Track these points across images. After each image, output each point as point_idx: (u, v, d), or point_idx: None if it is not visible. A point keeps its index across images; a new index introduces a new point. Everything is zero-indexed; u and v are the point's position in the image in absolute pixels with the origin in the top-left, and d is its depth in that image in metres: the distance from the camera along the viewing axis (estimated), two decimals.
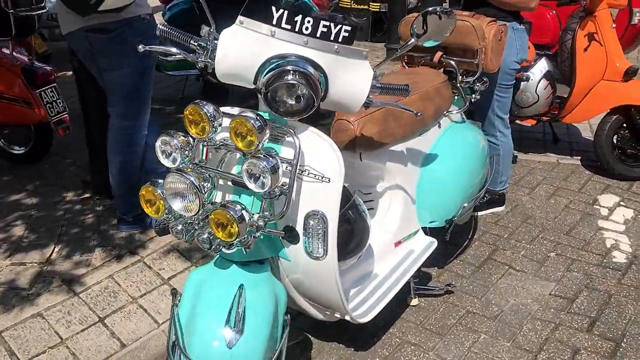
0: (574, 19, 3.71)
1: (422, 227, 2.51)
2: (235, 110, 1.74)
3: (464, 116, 2.75)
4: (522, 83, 3.83)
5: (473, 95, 2.77)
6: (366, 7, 7.17)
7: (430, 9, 1.74)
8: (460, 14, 2.65)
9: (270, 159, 1.53)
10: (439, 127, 2.52)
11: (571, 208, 3.46)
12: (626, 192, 3.63)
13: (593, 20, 3.67)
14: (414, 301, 2.61)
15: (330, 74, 1.62)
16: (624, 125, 3.71)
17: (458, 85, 2.66)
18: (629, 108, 3.62)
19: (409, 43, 1.77)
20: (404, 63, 2.91)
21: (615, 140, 3.73)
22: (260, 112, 1.65)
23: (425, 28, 1.77)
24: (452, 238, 3.03)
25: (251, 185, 1.55)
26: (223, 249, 1.57)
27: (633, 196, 3.58)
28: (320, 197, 1.69)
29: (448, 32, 1.80)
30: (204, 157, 1.73)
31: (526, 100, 3.84)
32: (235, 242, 1.55)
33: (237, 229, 1.50)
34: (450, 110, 2.60)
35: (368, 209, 2.35)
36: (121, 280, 2.67)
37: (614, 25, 3.69)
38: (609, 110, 3.73)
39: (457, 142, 2.55)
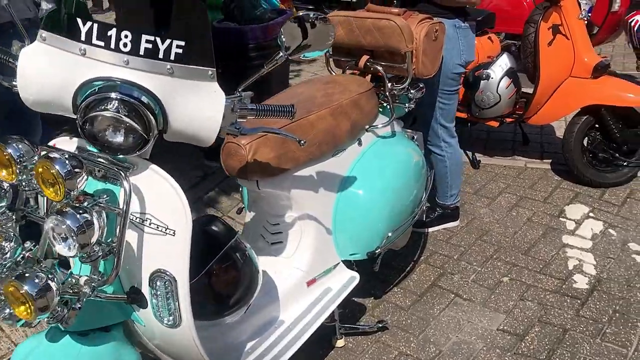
0: (537, 9, 3.34)
1: (344, 260, 2.17)
2: (71, 143, 1.41)
3: (396, 128, 2.40)
4: (481, 82, 3.48)
5: (407, 105, 2.43)
6: None
7: (301, 14, 1.40)
8: (387, 11, 2.30)
9: (79, 214, 1.19)
10: (360, 144, 2.17)
11: (534, 221, 3.12)
12: (597, 200, 3.29)
13: (558, 10, 3.30)
14: (340, 342, 2.29)
15: (167, 100, 1.29)
16: (596, 126, 3.36)
17: (387, 93, 2.31)
18: (600, 108, 3.27)
19: (276, 58, 1.42)
20: (329, 68, 2.55)
21: (585, 143, 3.38)
22: (88, 147, 1.32)
23: (305, 36, 1.43)
24: (395, 261, 2.71)
25: (59, 247, 1.22)
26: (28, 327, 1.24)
27: (604, 205, 3.23)
28: (166, 253, 1.36)
29: (330, 39, 1.46)
30: (33, 203, 1.40)
31: (487, 101, 3.49)
32: (44, 318, 1.23)
33: (33, 306, 1.17)
34: (375, 124, 2.25)
35: (276, 243, 2.03)
36: None
37: (581, 16, 3.32)
38: (578, 111, 3.38)
39: (382, 160, 2.20)
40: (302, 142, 1.57)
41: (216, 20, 3.91)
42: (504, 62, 3.46)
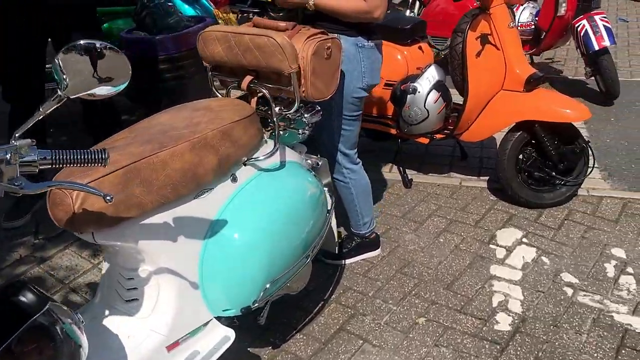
0: (465, 17, 3.08)
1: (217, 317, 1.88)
2: None
3: (289, 157, 2.11)
4: (408, 96, 3.21)
5: (303, 130, 2.14)
6: None
7: (83, 42, 1.10)
8: (272, 26, 2.01)
9: None
10: (234, 181, 1.88)
11: (462, 249, 2.86)
12: (532, 223, 3.04)
13: (487, 19, 3.05)
14: None
15: None
16: (532, 142, 3.11)
17: (274, 119, 2.02)
18: (533, 124, 3.02)
19: (52, 99, 1.12)
20: (213, 88, 2.25)
21: (520, 161, 3.13)
22: None
23: (95, 69, 1.13)
24: (303, 301, 2.43)
25: None
26: None
27: (539, 229, 2.99)
28: None
29: (127, 74, 1.16)
30: None
31: (415, 117, 3.22)
32: None
33: None
34: (256, 155, 1.95)
35: (131, 301, 1.73)
36: None
37: (512, 24, 3.07)
38: (512, 126, 3.13)
39: (263, 198, 1.91)
40: (107, 197, 1.27)
41: (125, 30, 3.59)
42: (431, 75, 3.20)
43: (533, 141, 3.10)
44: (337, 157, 2.43)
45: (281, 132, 2.12)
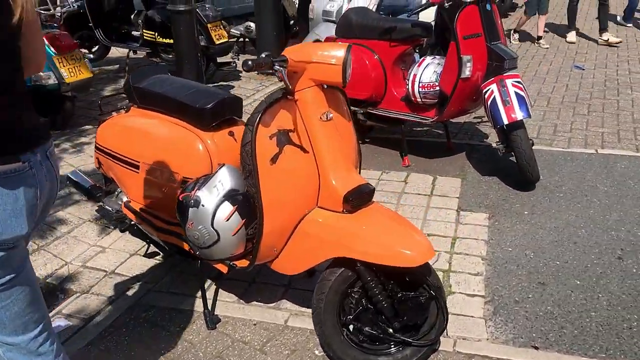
0: (262, 104, 2.12)
1: None
2: None
3: None
4: (189, 210, 2.24)
5: None
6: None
7: None
8: None
9: None
10: None
11: None
12: None
13: (290, 107, 2.09)
14: None
15: None
16: (361, 282, 2.13)
17: None
18: (355, 261, 2.05)
19: None
20: None
21: (344, 310, 2.16)
22: None
23: None
24: None
25: None
26: None
27: None
28: None
29: None
30: None
31: (201, 239, 2.24)
32: None
33: None
34: None
35: None
36: None
37: (331, 116, 2.11)
38: (332, 260, 2.16)
39: None
40: None
41: None
42: (222, 180, 2.23)
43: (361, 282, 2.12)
44: None
45: None
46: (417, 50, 4.22)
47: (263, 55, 1.92)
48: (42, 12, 4.12)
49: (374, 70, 4.15)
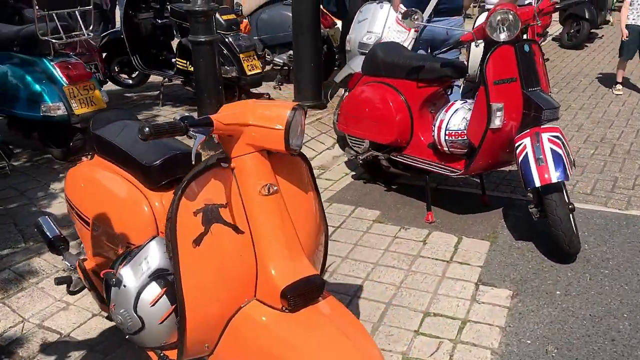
0: (189, 174, 1.75)
1: None
2: None
3: None
4: (112, 290, 1.89)
5: None
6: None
7: None
8: None
9: None
10: None
11: None
12: None
13: (226, 176, 1.71)
14: None
15: None
16: None
17: None
18: None
19: None
20: None
21: None
22: None
23: None
24: None
25: None
26: None
27: None
28: None
29: None
30: None
31: (124, 324, 1.89)
32: None
33: None
34: None
35: None
36: None
37: (275, 189, 1.71)
38: None
39: None
40: None
41: None
42: (148, 257, 1.87)
43: None
44: None
45: None
46: (449, 92, 3.75)
47: (177, 118, 1.56)
48: (53, 40, 3.95)
49: (399, 113, 3.72)
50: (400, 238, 3.47)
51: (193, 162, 1.62)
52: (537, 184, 2.93)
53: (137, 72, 6.28)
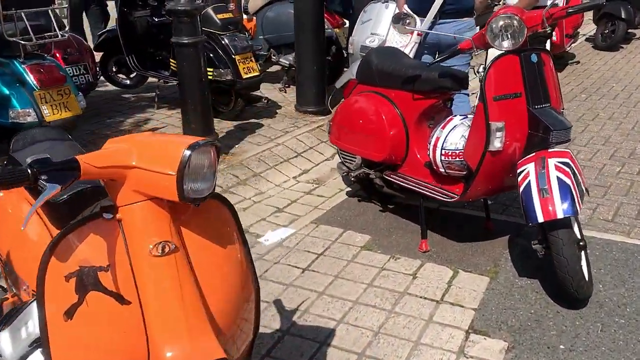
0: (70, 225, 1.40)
1: None
2: None
3: None
4: None
5: None
6: None
7: None
8: None
9: None
10: None
11: None
12: None
13: (110, 230, 1.35)
14: None
15: None
16: None
17: None
18: None
19: None
20: None
21: None
22: None
23: None
24: None
25: None
26: None
27: None
28: None
29: None
30: None
31: None
32: None
33: None
34: None
35: None
36: None
37: (173, 247, 1.35)
38: None
39: None
40: None
41: None
42: (27, 321, 1.52)
43: None
44: None
45: None
46: (450, 105, 3.33)
47: (27, 161, 1.20)
48: (22, 42, 3.65)
49: (392, 127, 3.32)
50: (388, 270, 3.07)
51: (23, 229, 1.26)
52: (540, 219, 2.50)
53: (135, 73, 5.99)
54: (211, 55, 4.89)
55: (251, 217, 3.67)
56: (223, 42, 4.91)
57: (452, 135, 3.03)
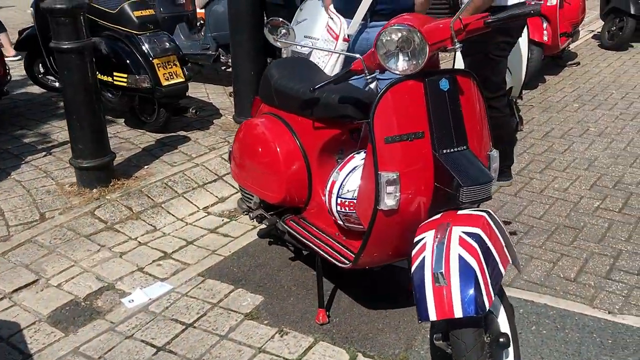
0: None
1: None
2: None
3: None
4: None
5: None
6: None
7: None
8: None
9: None
10: None
11: None
12: None
13: None
14: None
15: None
16: None
17: None
18: None
19: None
20: None
21: None
22: None
23: None
24: None
25: None
26: None
27: None
28: None
29: None
30: None
31: None
32: None
33: None
34: None
35: None
36: None
37: None
38: None
39: None
40: None
41: None
42: None
43: None
44: None
45: None
46: (359, 137, 2.60)
47: None
48: None
49: (291, 162, 2.61)
50: (266, 353, 2.37)
51: None
52: (433, 317, 1.77)
53: None
54: (127, 59, 4.22)
55: (125, 266, 2.98)
56: (140, 43, 4.22)
57: (350, 181, 2.31)
